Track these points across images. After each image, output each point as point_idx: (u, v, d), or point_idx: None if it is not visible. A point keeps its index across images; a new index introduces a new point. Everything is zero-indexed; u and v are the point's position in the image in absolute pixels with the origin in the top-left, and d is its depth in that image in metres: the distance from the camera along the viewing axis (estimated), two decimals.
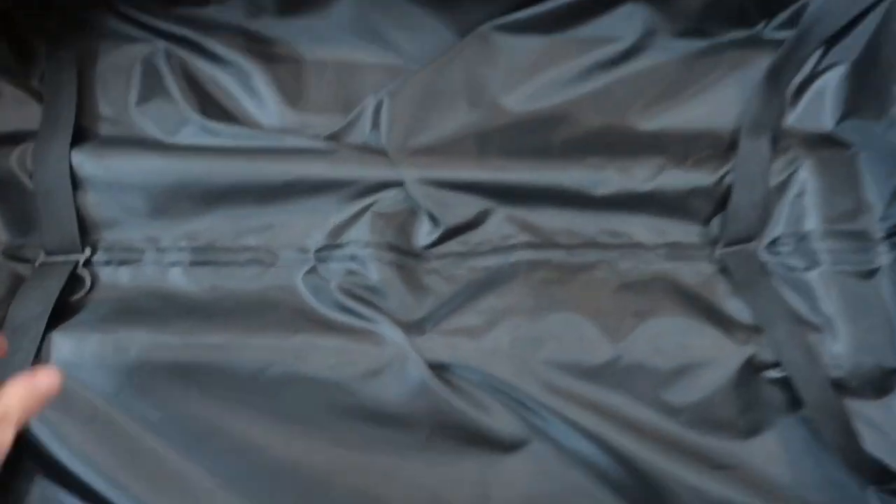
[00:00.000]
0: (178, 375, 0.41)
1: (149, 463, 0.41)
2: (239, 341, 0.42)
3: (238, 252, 0.46)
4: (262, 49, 0.50)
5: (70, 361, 0.41)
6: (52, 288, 0.43)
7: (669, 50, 0.52)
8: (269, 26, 0.50)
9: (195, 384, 0.41)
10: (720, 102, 0.51)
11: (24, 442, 0.40)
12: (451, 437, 0.42)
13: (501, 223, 0.48)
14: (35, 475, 0.40)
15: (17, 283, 0.45)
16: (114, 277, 0.45)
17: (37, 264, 0.45)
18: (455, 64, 0.49)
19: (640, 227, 0.48)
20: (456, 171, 0.47)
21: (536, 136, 0.49)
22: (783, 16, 0.50)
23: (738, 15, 0.51)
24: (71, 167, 0.45)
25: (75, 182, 0.45)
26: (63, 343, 0.41)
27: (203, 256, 0.45)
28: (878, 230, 0.46)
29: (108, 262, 0.45)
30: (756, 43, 0.51)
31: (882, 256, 0.45)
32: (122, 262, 0.45)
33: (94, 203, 0.46)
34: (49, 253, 0.45)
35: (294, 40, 0.51)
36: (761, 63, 0.50)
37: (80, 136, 0.47)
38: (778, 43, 0.50)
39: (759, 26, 0.51)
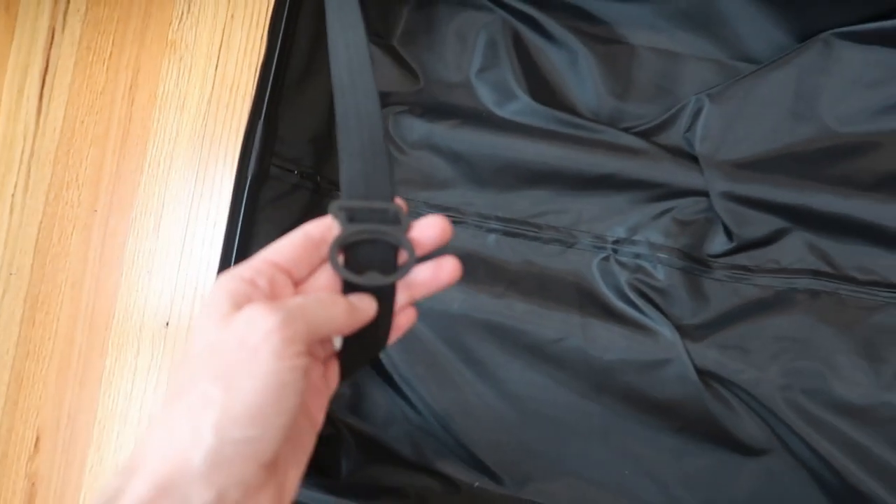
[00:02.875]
0: (487, 332, 0.50)
1: (455, 386, 0.52)
2: (539, 311, 0.50)
3: (544, 230, 0.52)
4: (592, 30, 0.52)
5: None
6: None
7: None
8: (603, 7, 0.52)
9: (499, 341, 0.50)
10: None
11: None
12: (699, 433, 0.48)
13: (796, 246, 0.49)
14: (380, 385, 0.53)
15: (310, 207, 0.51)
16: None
17: None
18: (787, 70, 0.49)
19: None
20: (765, 190, 0.48)
21: (855, 161, 0.48)
22: None
23: None
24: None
25: (423, 143, 0.53)
26: None
27: (514, 228, 0.52)
28: None
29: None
30: None
31: None
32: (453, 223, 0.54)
33: (420, 163, 0.53)
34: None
35: (624, 24, 0.52)
36: None
37: (427, 99, 0.54)
38: None
39: None
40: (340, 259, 0.27)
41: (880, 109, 0.48)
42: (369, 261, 0.27)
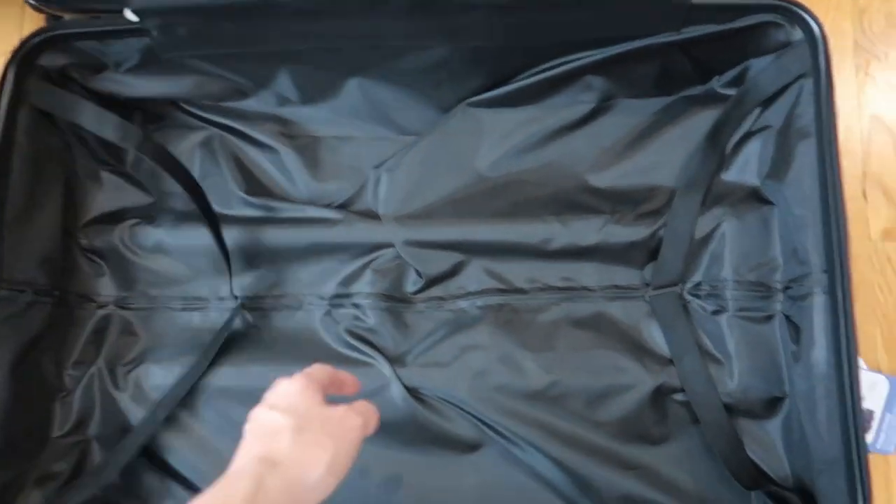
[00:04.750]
0: (234, 398, 0.58)
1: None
2: (275, 369, 0.58)
3: (276, 299, 0.61)
4: (287, 131, 0.64)
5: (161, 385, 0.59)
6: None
7: (627, 110, 0.60)
8: (293, 112, 0.64)
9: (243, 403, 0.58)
10: (668, 158, 0.60)
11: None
12: (425, 440, 0.57)
13: (474, 273, 0.60)
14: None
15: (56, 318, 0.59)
16: (188, 320, 0.61)
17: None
18: (438, 137, 0.61)
19: (588, 274, 0.59)
20: (435, 233, 0.59)
21: (504, 198, 0.60)
22: (731, 73, 0.57)
23: (690, 75, 0.58)
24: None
25: (158, 248, 0.62)
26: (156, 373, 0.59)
27: (251, 304, 0.61)
28: (777, 283, 0.55)
29: (183, 309, 0.62)
30: (709, 98, 0.59)
31: (777, 305, 0.54)
32: (195, 309, 0.62)
33: (157, 264, 0.61)
34: None
35: (312, 122, 0.64)
36: (709, 119, 0.58)
37: (159, 211, 0.63)
38: (726, 98, 0.57)
39: (712, 82, 0.58)
40: None
41: (515, 153, 0.61)
42: None
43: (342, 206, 0.62)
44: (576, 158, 0.60)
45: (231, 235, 0.61)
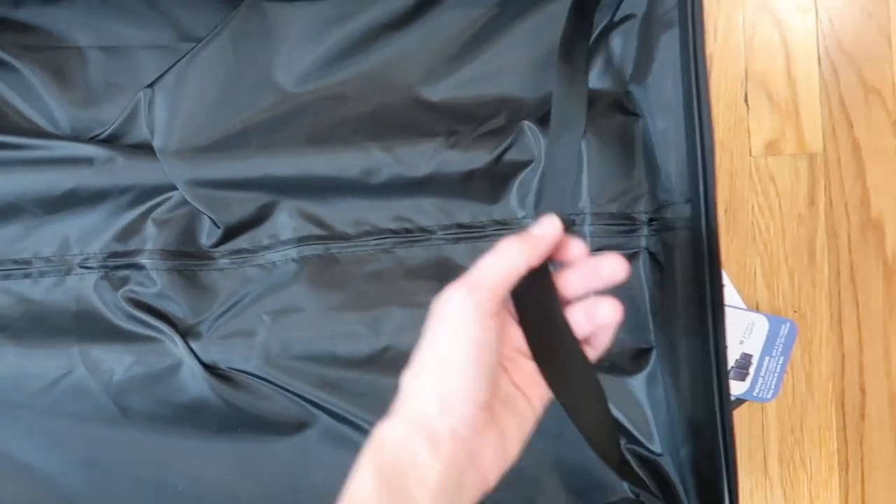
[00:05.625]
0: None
1: None
2: (32, 353, 0.46)
3: (34, 264, 0.48)
4: (29, 40, 0.48)
5: None
6: None
7: (461, 3, 0.48)
8: (38, 16, 0.48)
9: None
10: (516, 60, 0.48)
11: None
12: (239, 426, 0.47)
13: (288, 217, 0.48)
14: None
15: None
16: None
17: None
18: (222, 41, 0.47)
19: (424, 211, 0.48)
20: (230, 168, 0.47)
21: (316, 120, 0.48)
22: None
23: None
24: None
25: None
26: None
27: (1, 270, 0.48)
28: (642, 214, 0.45)
29: None
30: None
31: (642, 240, 0.45)
32: None
33: None
34: None
35: (63, 27, 0.49)
36: (565, 7, 0.46)
37: None
38: None
39: None
40: None
41: (325, 62, 0.48)
42: None
43: (108, 140, 0.48)
44: (402, 66, 0.48)
45: None
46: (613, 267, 0.32)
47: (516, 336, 0.33)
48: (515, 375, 0.33)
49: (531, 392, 0.33)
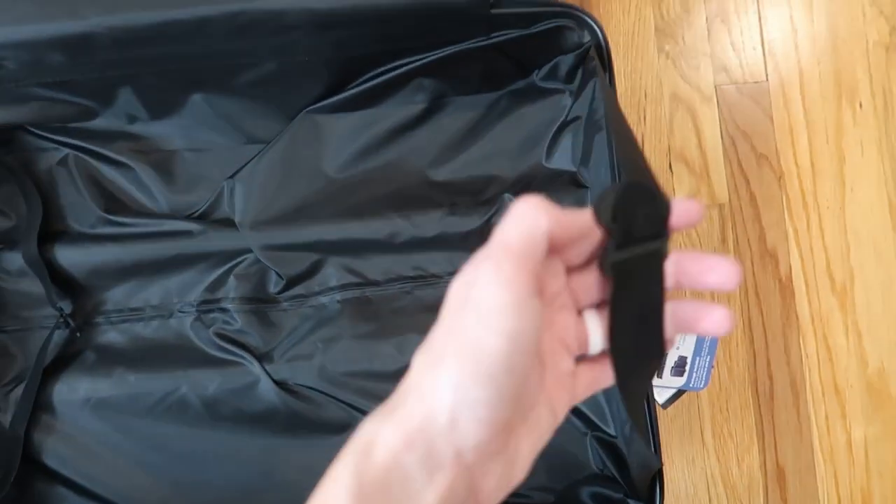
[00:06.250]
0: (117, 407, 0.62)
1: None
2: (149, 376, 0.62)
3: (145, 311, 0.65)
4: (140, 147, 0.66)
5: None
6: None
7: (460, 107, 0.65)
8: (143, 128, 0.66)
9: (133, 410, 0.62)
10: (500, 147, 0.65)
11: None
12: (298, 427, 0.62)
13: (332, 270, 0.65)
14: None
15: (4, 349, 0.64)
16: (59, 336, 0.64)
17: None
18: (282, 145, 0.64)
19: (436, 262, 0.65)
20: (290, 236, 0.63)
21: (352, 198, 0.65)
22: (546, 68, 0.63)
23: (513, 72, 0.63)
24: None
25: (23, 271, 0.64)
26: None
27: (118, 317, 0.64)
28: None
29: (57, 327, 0.65)
30: (532, 91, 0.64)
31: None
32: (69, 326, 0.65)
33: (28, 286, 0.64)
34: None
35: (163, 137, 0.66)
36: (534, 109, 0.64)
37: (21, 234, 0.64)
38: (547, 90, 0.63)
39: (533, 77, 0.64)
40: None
41: (359, 155, 0.65)
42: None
43: (201, 217, 0.65)
44: (416, 156, 0.65)
45: (95, 254, 0.63)
46: (727, 273, 0.27)
47: (565, 324, 0.28)
48: (549, 375, 0.28)
49: (559, 397, 0.28)
